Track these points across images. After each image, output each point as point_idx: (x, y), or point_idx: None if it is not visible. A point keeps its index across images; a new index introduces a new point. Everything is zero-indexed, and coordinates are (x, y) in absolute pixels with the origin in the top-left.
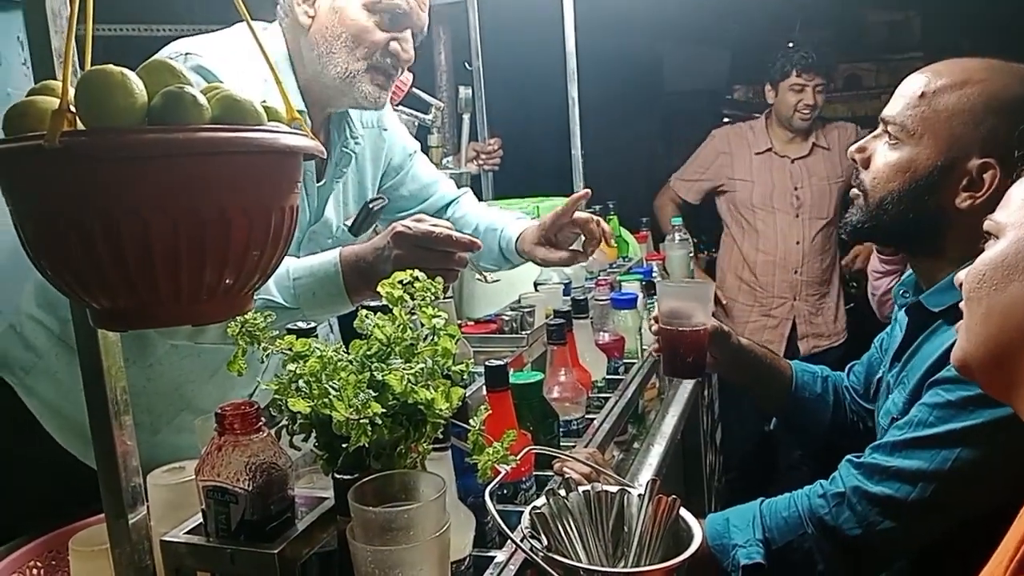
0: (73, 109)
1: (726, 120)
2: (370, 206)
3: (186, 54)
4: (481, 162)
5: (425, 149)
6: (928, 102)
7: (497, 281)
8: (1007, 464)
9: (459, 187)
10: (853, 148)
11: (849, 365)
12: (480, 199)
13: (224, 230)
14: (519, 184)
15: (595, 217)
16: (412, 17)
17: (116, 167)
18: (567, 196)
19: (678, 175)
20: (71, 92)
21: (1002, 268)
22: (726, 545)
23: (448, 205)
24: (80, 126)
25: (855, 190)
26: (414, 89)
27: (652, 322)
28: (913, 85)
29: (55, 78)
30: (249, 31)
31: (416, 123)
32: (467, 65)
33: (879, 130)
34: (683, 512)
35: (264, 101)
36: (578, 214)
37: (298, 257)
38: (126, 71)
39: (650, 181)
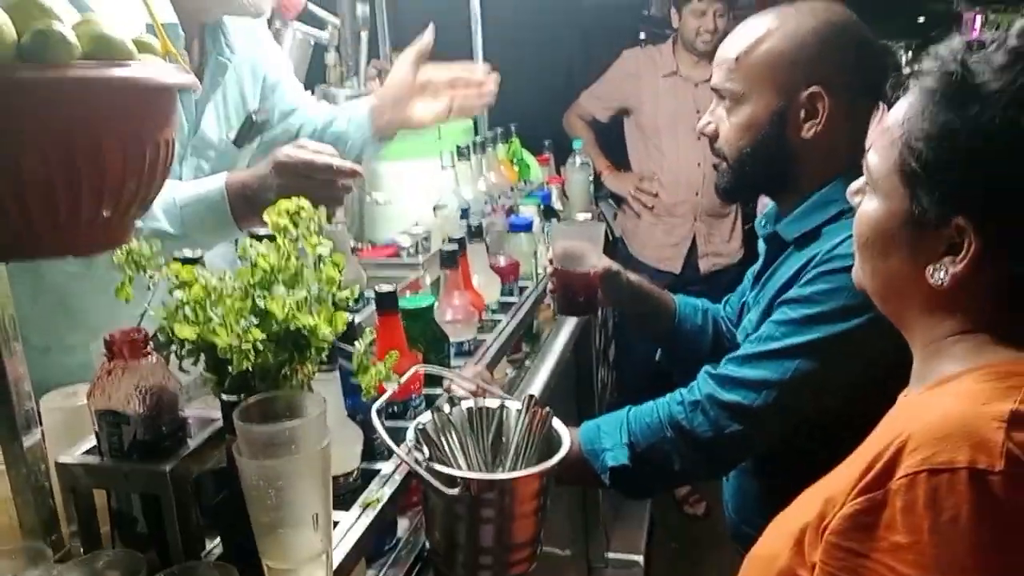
0: None
1: (642, 36)
2: (253, 117)
3: None
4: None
5: (322, 68)
6: (743, 63)
7: (388, 203)
8: (840, 375)
9: None
10: (700, 126)
11: (725, 297)
12: None
13: (99, 163)
14: None
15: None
16: None
17: None
18: (470, 120)
19: (588, 92)
20: None
21: (882, 239)
22: (596, 450)
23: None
24: None
25: (716, 160)
26: (310, 6)
27: (547, 263)
28: (726, 52)
29: None
30: None
31: (313, 41)
32: None
33: (715, 102)
34: (555, 423)
35: (141, 35)
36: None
37: (180, 172)
38: None
39: (557, 101)
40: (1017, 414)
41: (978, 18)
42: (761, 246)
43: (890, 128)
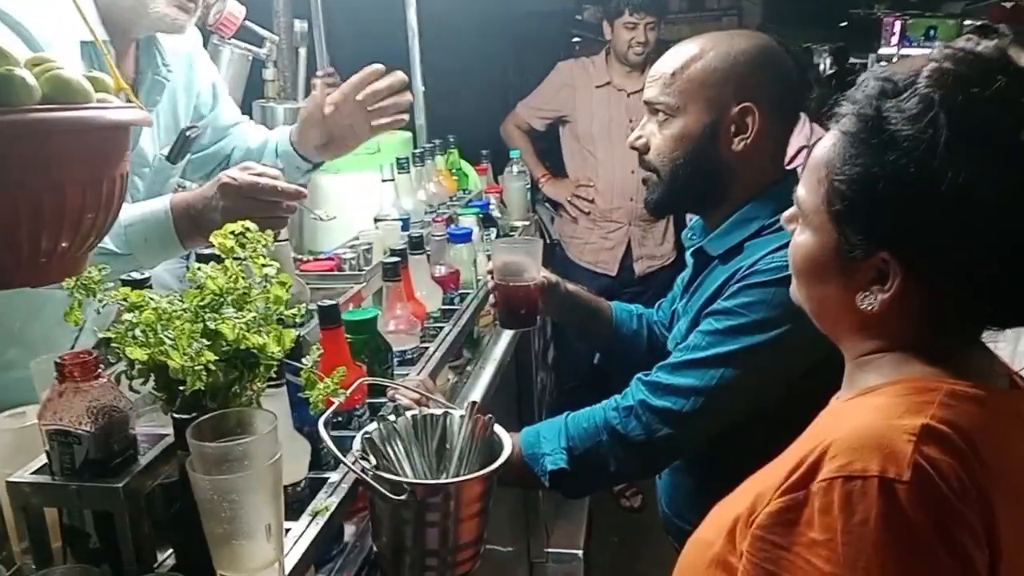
0: None
1: (576, 40)
2: (187, 134)
3: None
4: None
5: (261, 84)
6: (679, 78)
7: (333, 219)
8: (761, 381)
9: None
10: (631, 140)
11: (658, 303)
12: None
13: (59, 201)
14: None
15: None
16: None
17: None
18: (411, 130)
19: (525, 102)
20: None
21: (815, 269)
22: (537, 454)
23: (227, 137)
24: None
25: (646, 174)
26: (246, 22)
27: (488, 277)
28: (662, 68)
29: None
30: None
31: (251, 57)
32: None
33: (647, 117)
34: (497, 428)
35: (91, 72)
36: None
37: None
38: None
39: (494, 111)
40: (927, 428)
41: (897, 23)
42: (688, 257)
43: (815, 167)
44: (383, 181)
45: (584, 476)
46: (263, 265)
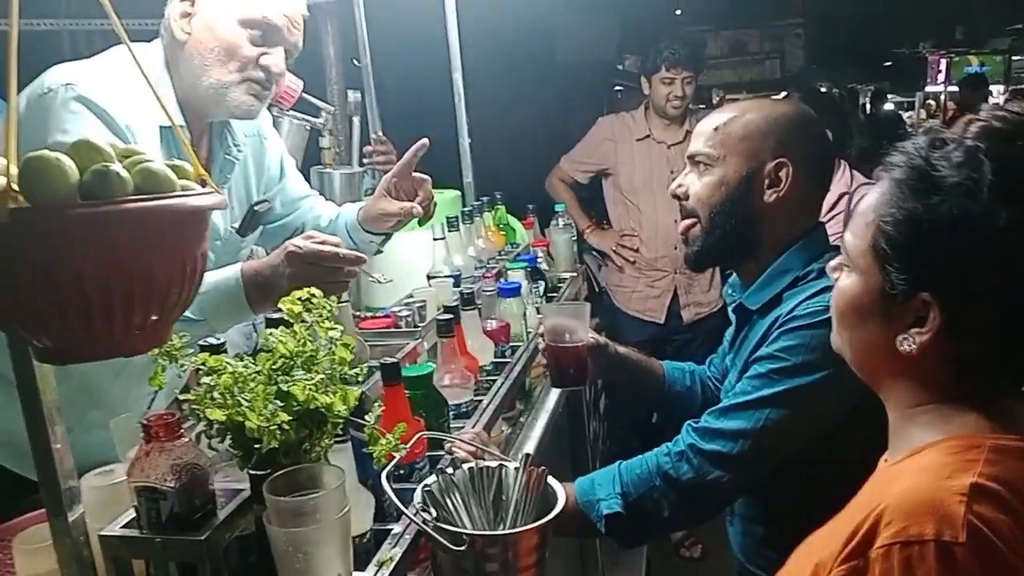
0: (16, 188)
1: (618, 89)
2: (255, 208)
3: (66, 84)
4: (368, 161)
5: (318, 152)
6: (722, 133)
7: (390, 281)
8: (807, 422)
9: (358, 188)
10: (672, 188)
11: (708, 359)
12: None
13: (149, 279)
14: None
15: (429, 179)
16: (284, 33)
17: (56, 237)
18: (459, 188)
19: (568, 157)
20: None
21: (858, 311)
22: (591, 501)
23: (297, 210)
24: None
25: (687, 221)
26: (304, 95)
27: (540, 340)
28: (707, 125)
29: None
30: (129, 55)
31: (308, 127)
32: (355, 62)
33: (688, 168)
34: (551, 480)
35: (172, 159)
36: (417, 173)
37: None
38: (60, 156)
39: (539, 164)
40: (976, 487)
41: (943, 62)
42: (731, 314)
43: (864, 212)
44: (435, 240)
45: (639, 522)
46: (328, 328)
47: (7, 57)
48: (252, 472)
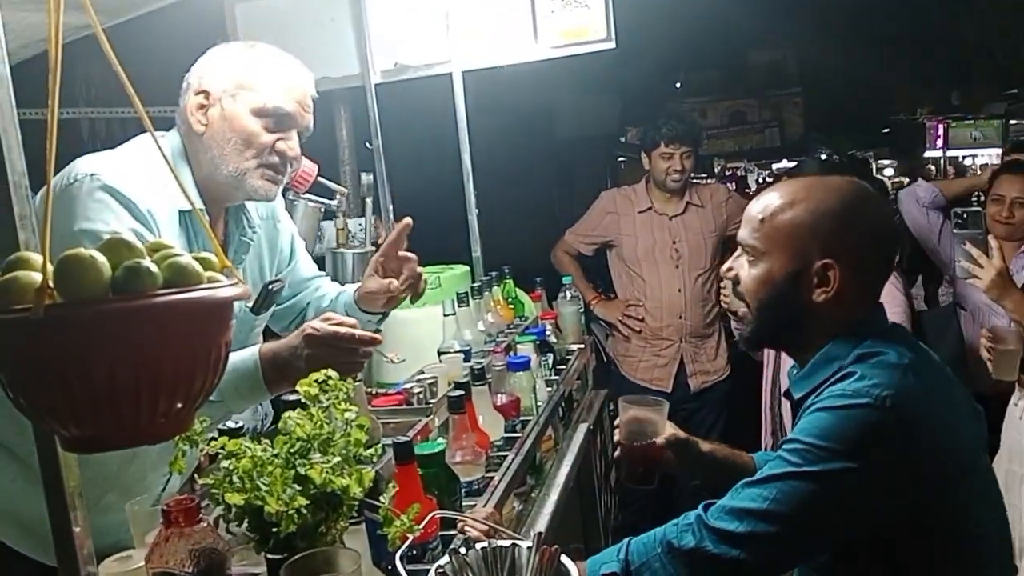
0: (51, 284)
1: (621, 161)
2: (269, 287)
3: (91, 175)
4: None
5: (335, 232)
6: (767, 224)
7: (403, 361)
8: (817, 510)
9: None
10: (723, 271)
11: None
12: None
13: (176, 370)
14: (422, 254)
15: (415, 258)
16: (296, 119)
17: (89, 331)
18: (468, 264)
19: (572, 230)
20: (49, 268)
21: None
22: (595, 570)
23: (305, 290)
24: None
25: (737, 303)
26: (319, 178)
27: (616, 432)
28: (753, 211)
29: None
30: (153, 143)
31: (323, 209)
32: (367, 145)
33: (739, 251)
34: (563, 559)
35: (196, 251)
36: (403, 252)
37: None
38: (94, 253)
39: (546, 236)
40: None
41: (940, 127)
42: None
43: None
44: (445, 315)
45: None
46: (344, 410)
47: (48, 150)
48: (269, 556)
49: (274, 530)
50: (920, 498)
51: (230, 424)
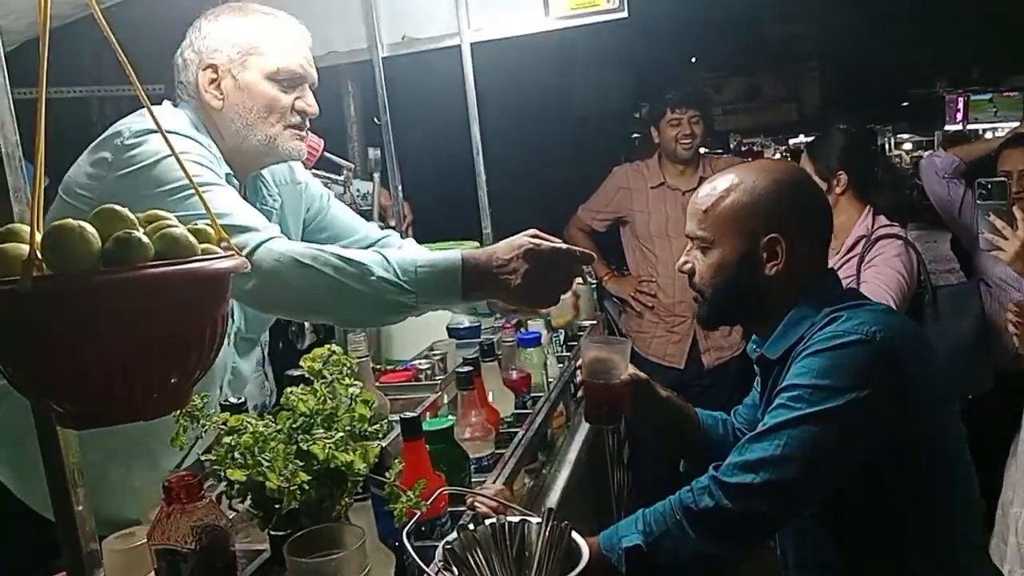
0: (40, 256)
1: (635, 137)
2: None
3: (139, 125)
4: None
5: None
6: (711, 214)
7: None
8: (831, 446)
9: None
10: (678, 264)
11: (733, 409)
12: None
13: (169, 344)
14: (433, 230)
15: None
16: (306, 76)
17: (79, 304)
18: (479, 240)
19: (584, 206)
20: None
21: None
22: (613, 543)
23: (380, 240)
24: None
25: (695, 293)
26: (326, 153)
27: (578, 372)
28: (696, 204)
29: None
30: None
31: (330, 184)
32: (376, 120)
33: (690, 245)
34: (574, 535)
35: (195, 224)
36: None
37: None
38: (83, 223)
39: (560, 212)
40: None
41: (960, 100)
42: (756, 368)
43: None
44: None
45: (661, 559)
46: (348, 385)
47: (35, 123)
48: (273, 532)
49: (276, 506)
50: (909, 425)
51: (232, 399)
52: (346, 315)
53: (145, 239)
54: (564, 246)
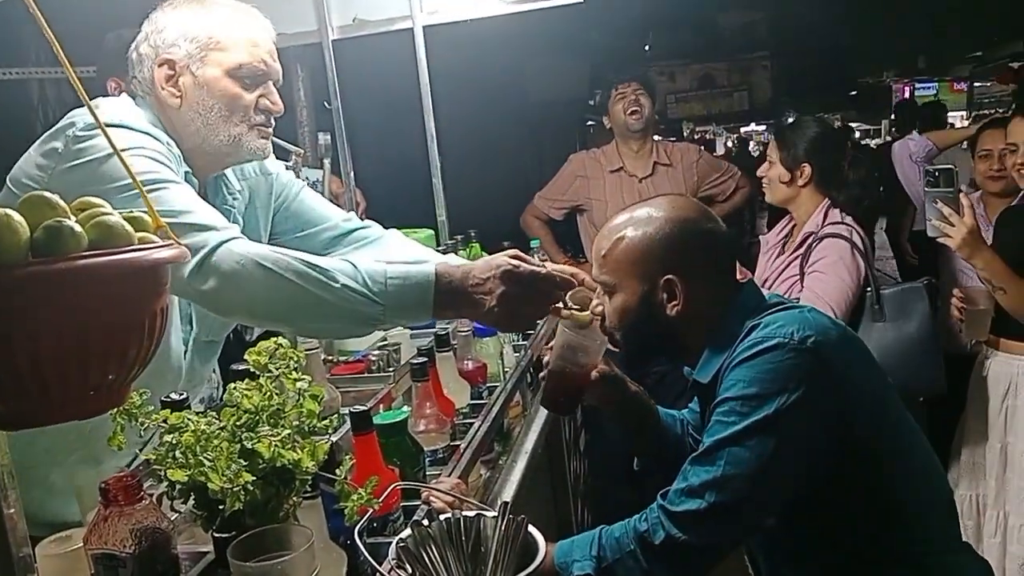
0: None
1: (590, 124)
2: None
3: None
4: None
5: None
6: (609, 259)
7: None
8: (771, 458)
9: None
10: (592, 307)
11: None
12: None
13: (105, 338)
14: (387, 217)
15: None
16: (270, 72)
17: (6, 298)
18: (433, 227)
19: (541, 194)
20: None
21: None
22: (567, 563)
23: (355, 231)
24: None
25: (614, 335)
26: (274, 138)
27: (546, 352)
28: (597, 250)
29: None
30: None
31: None
32: (326, 104)
33: (599, 290)
34: (531, 529)
35: (131, 211)
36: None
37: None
38: (9, 211)
39: (515, 199)
40: None
41: (907, 90)
42: (690, 391)
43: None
44: None
45: None
46: (296, 380)
47: None
48: (216, 534)
49: (220, 508)
50: (853, 423)
51: (174, 396)
52: (308, 324)
53: (77, 228)
54: (544, 270)
